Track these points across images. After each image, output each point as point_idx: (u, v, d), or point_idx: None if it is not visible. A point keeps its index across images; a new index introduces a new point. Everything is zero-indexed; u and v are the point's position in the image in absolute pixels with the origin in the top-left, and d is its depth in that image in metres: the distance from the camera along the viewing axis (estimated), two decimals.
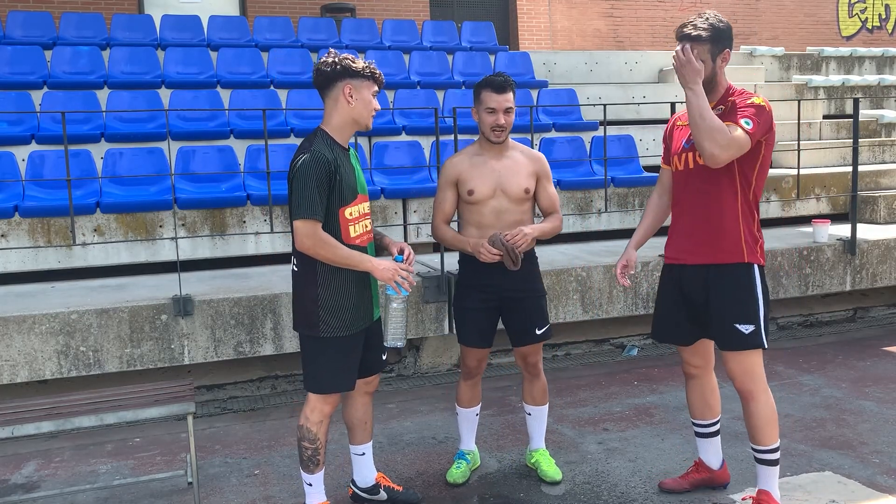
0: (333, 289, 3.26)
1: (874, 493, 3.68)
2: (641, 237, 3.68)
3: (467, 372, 3.92)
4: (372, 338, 3.47)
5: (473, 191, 3.69)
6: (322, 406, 3.35)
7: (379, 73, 3.33)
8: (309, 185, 3.13)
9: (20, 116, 6.68)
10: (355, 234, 3.30)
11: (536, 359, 3.90)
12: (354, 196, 3.30)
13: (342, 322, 3.28)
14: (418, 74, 8.66)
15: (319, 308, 3.26)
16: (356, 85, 3.25)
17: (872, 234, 6.84)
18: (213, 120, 7.23)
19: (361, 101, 3.27)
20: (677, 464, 4.05)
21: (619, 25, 12.91)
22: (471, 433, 4.05)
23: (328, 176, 3.16)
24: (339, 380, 3.34)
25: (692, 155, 3.35)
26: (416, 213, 6.52)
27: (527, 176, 3.73)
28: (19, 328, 4.58)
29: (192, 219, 5.88)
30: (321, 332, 3.27)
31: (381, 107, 3.40)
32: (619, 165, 7.62)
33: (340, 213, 3.25)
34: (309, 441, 3.37)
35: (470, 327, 3.81)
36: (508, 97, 3.63)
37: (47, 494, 3.86)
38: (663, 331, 3.63)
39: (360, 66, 3.26)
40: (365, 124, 3.33)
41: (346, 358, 3.33)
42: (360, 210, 3.34)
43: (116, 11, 9.82)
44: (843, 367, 5.70)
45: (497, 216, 3.70)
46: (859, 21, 14.75)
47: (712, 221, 3.33)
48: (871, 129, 10.02)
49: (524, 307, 3.77)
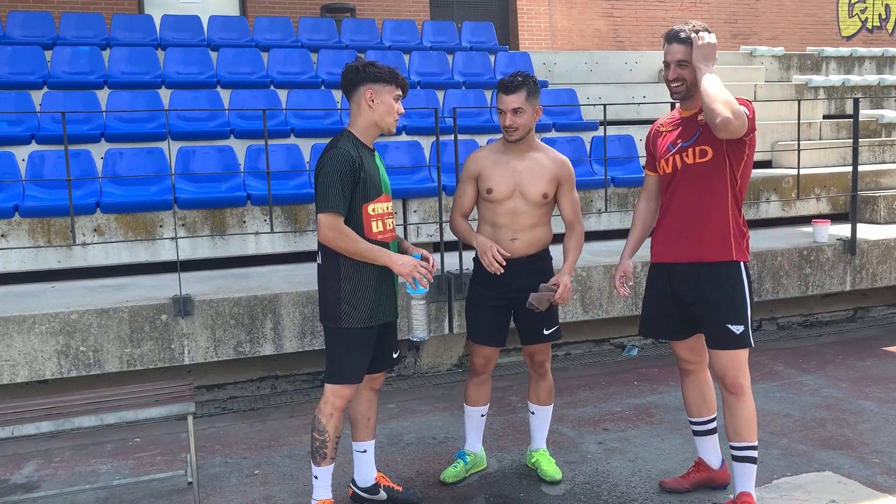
0: (356, 282, 3.33)
1: (874, 493, 3.68)
2: (634, 247, 3.72)
3: (474, 370, 3.91)
4: (386, 334, 3.54)
5: (492, 189, 3.70)
6: (334, 399, 3.40)
7: (402, 78, 3.41)
8: (333, 180, 3.21)
9: (20, 116, 6.68)
10: (378, 229, 3.37)
11: (544, 358, 3.91)
12: (378, 194, 3.38)
13: (363, 314, 3.35)
14: (418, 74, 8.66)
15: (342, 300, 3.33)
16: (377, 90, 3.34)
17: (872, 234, 6.84)
18: (213, 120, 7.23)
19: (383, 106, 3.36)
20: (677, 464, 4.06)
21: (619, 25, 12.91)
22: (475, 433, 4.03)
23: (352, 172, 3.24)
24: (355, 371, 3.41)
25: (679, 157, 3.40)
26: (416, 213, 6.52)
27: (547, 180, 3.72)
28: (19, 328, 4.58)
29: (192, 219, 5.88)
30: (342, 323, 3.34)
31: (403, 111, 3.45)
32: (619, 165, 7.62)
33: (364, 209, 3.32)
34: (318, 432, 3.43)
35: (479, 324, 3.81)
36: (515, 98, 3.63)
37: (47, 494, 3.86)
38: (655, 326, 3.66)
39: (383, 72, 3.35)
40: (387, 128, 3.43)
41: (364, 350, 3.40)
42: (384, 208, 3.42)
43: (116, 11, 9.82)
44: (843, 367, 5.70)
45: (513, 217, 3.70)
46: (859, 21, 14.76)
47: (702, 220, 3.37)
48: (871, 129, 10.03)
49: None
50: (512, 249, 3.69)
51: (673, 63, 3.35)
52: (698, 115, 3.37)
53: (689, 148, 3.37)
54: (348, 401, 3.46)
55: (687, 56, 3.32)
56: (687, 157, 3.36)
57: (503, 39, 11.78)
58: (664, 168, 3.47)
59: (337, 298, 3.34)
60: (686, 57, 3.32)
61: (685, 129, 3.42)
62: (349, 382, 3.41)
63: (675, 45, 3.33)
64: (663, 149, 3.48)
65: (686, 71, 3.33)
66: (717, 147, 3.31)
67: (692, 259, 3.40)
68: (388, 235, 3.44)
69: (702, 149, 3.33)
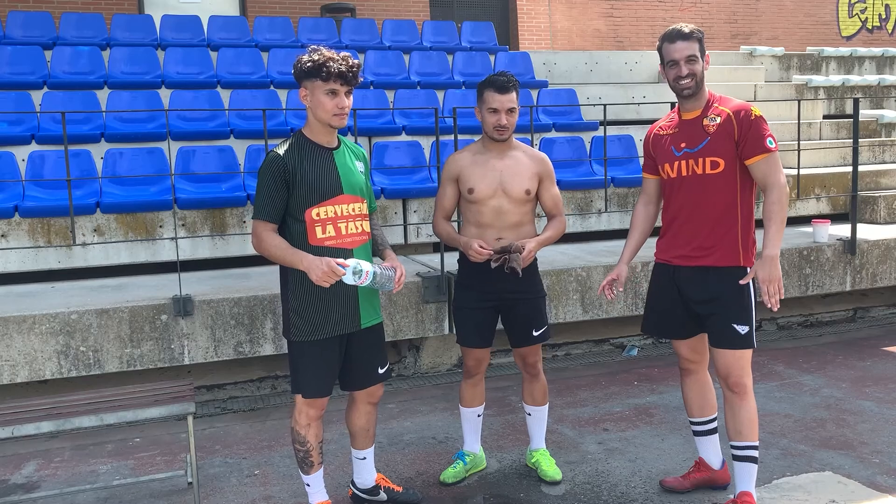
0: (302, 292, 3.21)
1: (874, 493, 3.68)
2: (632, 251, 3.70)
3: (467, 371, 3.92)
4: (361, 348, 3.39)
5: (474, 189, 3.69)
6: (307, 409, 3.33)
7: (333, 68, 3.09)
8: (260, 186, 3.15)
9: (20, 116, 6.68)
10: (325, 235, 3.18)
11: (535, 359, 3.90)
12: (327, 196, 3.18)
13: (312, 326, 3.23)
14: (418, 74, 8.66)
15: (291, 311, 3.25)
16: (309, 87, 3.18)
17: (872, 234, 6.84)
18: (213, 120, 7.23)
19: (315, 102, 3.18)
20: (677, 464, 4.06)
21: (619, 25, 12.91)
22: (472, 434, 4.04)
23: (283, 175, 3.12)
24: (314, 385, 3.29)
25: (685, 164, 3.37)
26: (416, 213, 6.52)
27: (529, 177, 3.72)
28: (19, 328, 4.58)
29: (192, 219, 5.88)
30: (292, 336, 3.26)
31: (347, 103, 3.19)
32: (619, 165, 7.62)
33: (307, 214, 3.17)
34: (299, 443, 3.37)
35: (467, 327, 3.81)
36: (511, 97, 3.62)
37: (47, 494, 3.86)
38: (659, 324, 3.65)
39: (308, 67, 3.12)
40: (328, 123, 3.21)
41: (319, 363, 3.27)
42: (340, 211, 3.21)
43: (116, 11, 9.82)
44: (843, 367, 5.70)
45: (497, 216, 3.69)
46: (859, 21, 14.76)
47: (712, 229, 3.36)
48: (871, 129, 10.03)
49: (522, 308, 3.77)
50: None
51: (682, 60, 3.29)
52: (703, 119, 3.35)
53: (698, 156, 3.33)
54: (322, 409, 3.37)
55: (696, 51, 3.30)
56: (697, 167, 3.33)
57: (503, 39, 11.78)
58: (668, 172, 3.45)
59: (287, 310, 3.25)
60: (695, 52, 3.30)
61: (689, 133, 3.39)
62: (313, 396, 3.30)
63: (681, 43, 3.30)
64: (666, 153, 3.46)
65: (696, 66, 3.31)
66: (729, 158, 3.29)
67: (700, 263, 3.39)
68: (346, 241, 3.22)
69: (713, 160, 3.30)
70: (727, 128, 3.28)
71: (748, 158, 3.27)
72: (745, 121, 3.26)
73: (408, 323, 5.35)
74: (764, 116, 3.31)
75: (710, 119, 3.33)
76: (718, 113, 3.32)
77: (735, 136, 3.27)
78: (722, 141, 3.29)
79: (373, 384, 3.49)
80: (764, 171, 3.27)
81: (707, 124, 3.33)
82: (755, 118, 3.26)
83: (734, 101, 3.36)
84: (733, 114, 3.29)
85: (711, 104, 3.37)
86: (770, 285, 3.21)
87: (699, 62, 3.31)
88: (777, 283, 3.22)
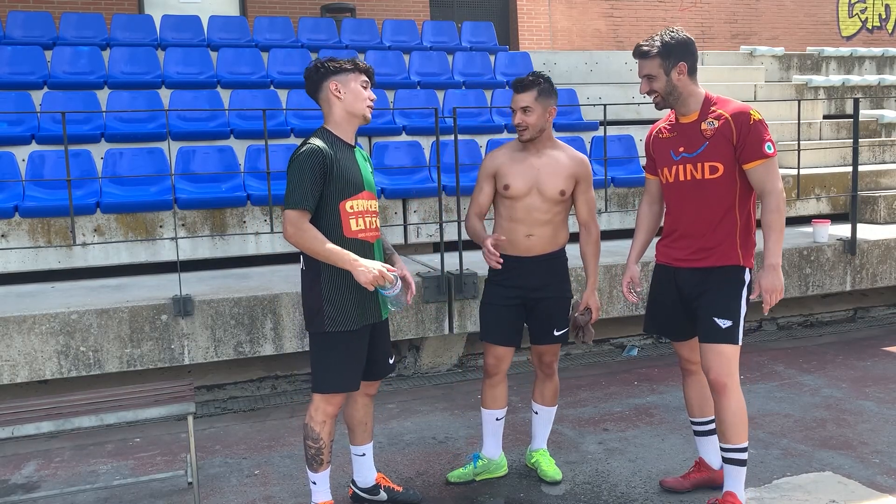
0: (336, 283, 3.25)
1: (874, 493, 3.68)
2: (639, 251, 3.70)
3: (486, 370, 3.88)
4: (379, 340, 3.47)
5: (509, 185, 3.70)
6: (325, 406, 3.35)
7: (365, 65, 3.34)
8: (300, 176, 3.14)
9: (20, 116, 6.68)
10: (357, 227, 3.28)
11: (552, 359, 3.91)
12: (358, 190, 3.29)
13: (347, 316, 3.27)
14: (418, 74, 8.66)
15: (324, 302, 3.26)
16: (341, 80, 3.28)
17: (872, 234, 6.84)
18: (213, 120, 7.23)
19: (350, 93, 3.28)
20: (677, 464, 4.06)
21: (619, 25, 12.91)
22: (489, 437, 3.95)
23: (322, 167, 3.16)
24: (344, 380, 3.32)
25: (683, 168, 3.36)
26: (416, 213, 6.52)
27: (565, 178, 3.72)
28: (19, 328, 4.58)
29: (192, 219, 5.88)
30: (326, 327, 3.27)
31: (375, 97, 3.38)
32: (619, 165, 7.62)
33: (341, 206, 3.24)
34: (312, 440, 3.38)
35: (491, 323, 3.79)
36: (525, 96, 3.65)
37: (47, 494, 3.86)
38: (659, 324, 3.66)
39: (343, 63, 3.29)
40: (362, 115, 3.32)
41: (351, 355, 3.32)
42: (365, 206, 3.33)
43: (116, 11, 9.82)
44: (843, 367, 5.70)
45: (529, 213, 3.70)
46: (859, 21, 14.76)
47: (712, 230, 3.35)
48: (871, 129, 10.03)
49: (547, 307, 3.77)
50: (528, 246, 3.69)
51: (643, 78, 3.36)
52: (701, 123, 3.33)
53: (696, 161, 3.32)
54: (339, 407, 3.39)
55: (652, 70, 3.31)
56: (696, 172, 3.32)
57: (503, 39, 11.78)
58: (667, 177, 3.44)
59: (319, 301, 3.26)
60: (652, 71, 3.32)
61: (687, 137, 3.37)
62: (341, 391, 3.33)
63: (641, 62, 3.35)
64: (665, 156, 3.45)
65: (656, 83, 3.32)
66: (728, 162, 3.28)
67: (701, 265, 3.39)
68: (370, 234, 3.34)
69: (712, 165, 3.29)
70: (725, 132, 3.26)
71: (746, 163, 3.26)
72: (744, 125, 3.25)
73: (408, 323, 5.35)
74: (764, 119, 3.30)
75: (708, 123, 3.31)
76: (717, 116, 3.30)
77: (734, 140, 3.26)
78: (720, 145, 3.28)
79: (387, 374, 3.59)
80: (762, 177, 3.26)
81: (705, 129, 3.31)
82: (754, 122, 3.25)
83: (733, 104, 3.34)
84: (732, 117, 3.27)
85: (709, 107, 3.35)
86: (772, 295, 3.22)
87: (659, 79, 3.32)
88: (779, 293, 3.22)
